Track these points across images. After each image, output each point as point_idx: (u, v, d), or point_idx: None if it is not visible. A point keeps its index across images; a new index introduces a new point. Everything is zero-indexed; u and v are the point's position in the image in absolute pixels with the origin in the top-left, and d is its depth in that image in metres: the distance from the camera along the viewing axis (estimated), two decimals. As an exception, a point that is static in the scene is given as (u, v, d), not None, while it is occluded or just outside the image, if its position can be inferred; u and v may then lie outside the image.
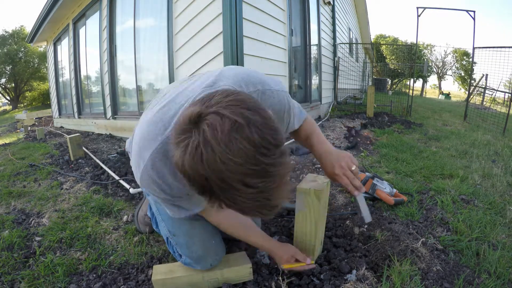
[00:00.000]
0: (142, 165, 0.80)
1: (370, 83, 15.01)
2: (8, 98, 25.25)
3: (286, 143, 0.84)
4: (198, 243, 1.09)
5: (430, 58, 30.73)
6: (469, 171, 2.38)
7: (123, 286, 1.15)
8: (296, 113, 1.09)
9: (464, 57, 27.94)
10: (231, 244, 1.37)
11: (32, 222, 1.74)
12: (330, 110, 5.78)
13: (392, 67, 21.72)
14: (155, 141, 0.79)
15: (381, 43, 26.00)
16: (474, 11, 5.53)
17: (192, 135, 0.54)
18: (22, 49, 21.86)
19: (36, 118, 10.77)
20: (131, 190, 2.02)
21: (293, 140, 3.20)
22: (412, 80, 6.82)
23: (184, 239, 1.09)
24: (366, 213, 0.99)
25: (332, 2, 6.18)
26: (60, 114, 7.63)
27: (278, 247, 1.12)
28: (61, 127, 7.26)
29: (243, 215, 0.63)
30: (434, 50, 31.53)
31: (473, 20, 5.60)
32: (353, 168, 0.92)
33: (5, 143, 5.26)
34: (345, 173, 0.91)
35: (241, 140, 0.52)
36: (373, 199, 1.74)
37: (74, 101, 6.32)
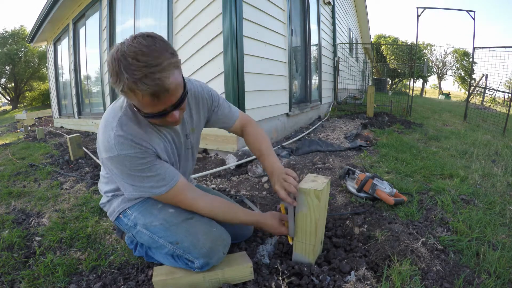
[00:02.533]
0: (112, 132, 0.96)
1: (370, 83, 15.01)
2: (8, 98, 25.23)
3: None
4: (202, 236, 1.09)
5: (430, 58, 30.71)
6: (469, 171, 2.38)
7: (123, 286, 1.15)
8: (229, 103, 1.32)
9: (464, 57, 27.93)
10: (231, 244, 1.37)
11: (32, 222, 1.74)
12: (330, 110, 5.78)
13: (392, 67, 21.72)
14: (118, 113, 1.00)
15: (381, 43, 26.00)
16: (474, 11, 5.54)
17: (116, 46, 0.84)
18: (22, 49, 21.84)
19: (36, 118, 10.77)
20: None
21: (293, 140, 3.19)
22: (412, 80, 6.82)
23: (188, 240, 1.09)
24: (291, 229, 1.16)
25: (332, 2, 6.18)
26: (60, 114, 7.63)
27: (265, 217, 1.22)
28: (61, 127, 7.26)
29: (139, 95, 0.83)
30: (434, 50, 31.48)
31: (473, 20, 5.60)
32: (291, 180, 1.10)
33: (5, 143, 5.26)
34: (284, 185, 1.10)
35: (140, 39, 0.82)
36: (373, 199, 1.74)
37: (74, 101, 6.32)
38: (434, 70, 31.29)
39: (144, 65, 0.80)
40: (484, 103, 9.37)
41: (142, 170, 1.00)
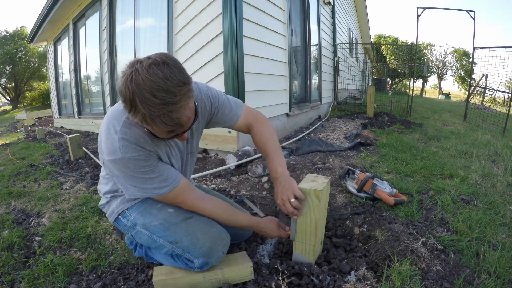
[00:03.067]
0: (116, 135, 0.96)
1: (370, 83, 15.01)
2: (8, 98, 25.24)
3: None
4: (202, 236, 1.09)
5: (430, 58, 30.70)
6: (469, 171, 2.38)
7: (123, 286, 1.15)
8: (231, 100, 1.26)
9: (464, 57, 27.92)
10: (231, 244, 1.37)
11: (32, 222, 1.74)
12: (330, 110, 5.78)
13: (392, 67, 21.71)
14: (122, 116, 0.99)
15: (381, 43, 25.99)
16: (474, 11, 5.54)
17: (128, 70, 0.81)
18: (22, 49, 21.84)
19: (36, 118, 10.77)
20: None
21: (293, 140, 3.19)
22: (412, 80, 6.82)
23: (188, 240, 1.09)
24: (293, 232, 1.18)
25: (332, 2, 6.18)
26: (60, 114, 7.63)
27: (265, 221, 1.25)
28: (61, 127, 7.26)
29: (154, 126, 0.84)
30: (434, 50, 31.47)
31: (473, 20, 5.60)
32: (292, 200, 1.09)
33: (5, 143, 5.26)
34: (284, 204, 1.11)
35: (156, 69, 0.79)
36: (373, 199, 1.74)
37: (74, 101, 6.32)
38: (434, 70, 31.29)
39: (162, 103, 0.79)
40: (484, 103, 9.37)
41: (145, 172, 1.00)
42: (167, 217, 1.11)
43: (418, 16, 5.68)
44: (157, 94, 0.78)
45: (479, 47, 6.05)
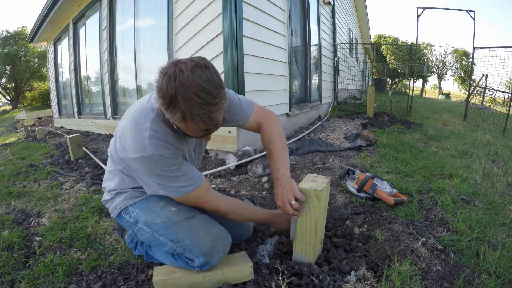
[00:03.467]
0: (146, 132, 0.97)
1: (370, 83, 15.00)
2: (8, 98, 25.23)
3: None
4: (203, 236, 1.10)
5: (430, 58, 30.70)
6: (469, 171, 2.38)
7: (123, 286, 1.15)
8: (242, 99, 1.28)
9: (464, 57, 27.91)
10: (231, 244, 1.37)
11: (32, 222, 1.74)
12: (330, 110, 5.78)
13: (392, 67, 21.71)
14: (150, 113, 1.01)
15: (381, 43, 25.99)
16: (474, 11, 5.54)
17: (171, 68, 0.84)
18: (22, 49, 21.84)
19: (36, 118, 10.77)
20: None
21: (293, 140, 3.19)
22: (412, 80, 6.82)
23: (189, 239, 1.09)
24: (293, 232, 1.19)
25: (332, 2, 6.18)
26: (60, 114, 7.63)
27: (278, 212, 1.29)
28: (61, 127, 7.26)
29: (193, 124, 0.87)
30: (434, 50, 31.44)
31: (473, 20, 5.60)
32: (293, 202, 1.10)
33: (5, 143, 5.26)
34: (284, 205, 1.11)
35: (199, 72, 0.84)
36: (373, 199, 1.74)
37: (74, 101, 6.32)
38: (434, 70, 31.28)
39: (204, 103, 0.84)
40: (484, 103, 9.37)
41: (172, 171, 1.01)
42: (170, 216, 1.11)
43: (418, 16, 5.69)
44: (200, 94, 0.83)
45: (479, 47, 6.05)
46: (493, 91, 7.37)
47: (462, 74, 28.19)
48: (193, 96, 0.82)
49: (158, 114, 1.01)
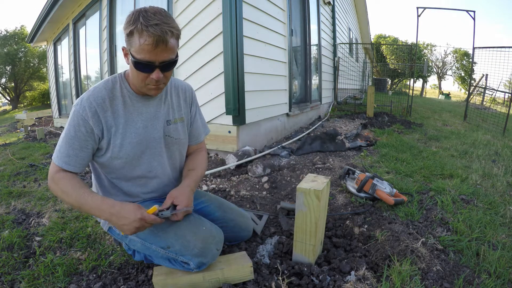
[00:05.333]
0: (84, 96, 1.06)
1: (370, 83, 15.00)
2: (8, 98, 25.23)
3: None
4: (192, 237, 1.09)
5: (430, 58, 30.69)
6: (469, 171, 2.38)
7: (123, 286, 1.15)
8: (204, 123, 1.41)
9: (464, 57, 27.91)
10: (231, 244, 1.37)
11: (32, 222, 1.74)
12: (330, 110, 5.78)
13: (392, 67, 21.70)
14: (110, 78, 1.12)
15: (381, 43, 25.99)
16: (474, 11, 5.54)
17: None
18: (22, 49, 21.84)
19: (36, 118, 10.76)
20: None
21: (293, 140, 3.19)
22: (412, 80, 6.82)
23: (179, 243, 1.08)
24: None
25: (332, 2, 6.18)
26: (60, 114, 7.63)
27: (121, 207, 1.01)
28: (61, 127, 7.26)
29: (148, 31, 0.94)
30: (434, 50, 31.46)
31: (473, 20, 5.60)
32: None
33: (5, 143, 5.25)
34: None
35: (159, 8, 0.99)
36: (373, 199, 1.74)
37: (74, 101, 6.31)
38: (434, 70, 31.28)
39: (158, 19, 0.96)
40: (484, 103, 9.37)
41: (68, 134, 1.04)
42: (155, 224, 1.09)
43: (418, 16, 5.69)
44: (157, 15, 0.96)
45: (479, 47, 6.05)
46: (493, 91, 7.38)
47: (462, 74, 28.20)
48: (151, 15, 0.95)
49: (122, 73, 1.15)
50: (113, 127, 1.08)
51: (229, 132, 2.76)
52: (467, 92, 8.11)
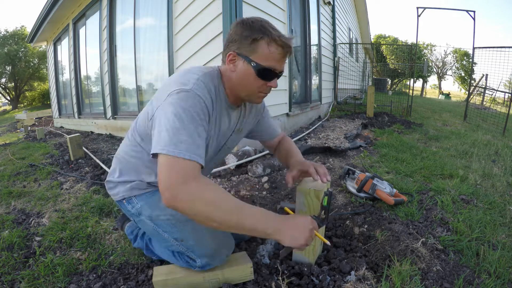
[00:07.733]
0: (194, 75, 0.97)
1: (370, 83, 15.00)
2: (8, 98, 25.24)
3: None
4: (209, 237, 1.08)
5: (430, 58, 30.71)
6: (469, 171, 2.38)
7: (123, 286, 1.15)
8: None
9: (464, 57, 27.92)
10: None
11: (32, 222, 1.74)
12: (330, 110, 5.78)
13: (392, 67, 21.71)
14: (204, 70, 1.03)
15: (381, 43, 25.98)
16: (474, 11, 5.54)
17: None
18: (22, 49, 21.85)
19: (36, 118, 10.77)
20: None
21: (293, 140, 3.19)
22: (412, 80, 6.82)
23: (193, 239, 1.08)
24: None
25: (332, 2, 6.18)
26: (60, 114, 7.63)
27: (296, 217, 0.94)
28: (61, 127, 7.26)
29: (280, 40, 0.97)
30: (434, 50, 31.46)
31: (473, 20, 5.60)
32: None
33: (5, 143, 5.25)
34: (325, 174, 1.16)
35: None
36: (373, 199, 1.74)
37: (74, 101, 6.32)
38: (434, 70, 31.30)
39: (276, 30, 0.99)
40: (484, 103, 9.37)
41: (192, 120, 0.87)
42: (175, 213, 1.05)
43: (418, 16, 5.68)
44: (272, 26, 0.99)
45: (479, 47, 6.05)
46: (493, 91, 7.38)
47: (462, 74, 28.21)
48: (268, 26, 0.98)
49: (218, 73, 1.07)
50: (209, 126, 1.00)
51: (229, 132, 2.76)
52: (467, 92, 8.11)
